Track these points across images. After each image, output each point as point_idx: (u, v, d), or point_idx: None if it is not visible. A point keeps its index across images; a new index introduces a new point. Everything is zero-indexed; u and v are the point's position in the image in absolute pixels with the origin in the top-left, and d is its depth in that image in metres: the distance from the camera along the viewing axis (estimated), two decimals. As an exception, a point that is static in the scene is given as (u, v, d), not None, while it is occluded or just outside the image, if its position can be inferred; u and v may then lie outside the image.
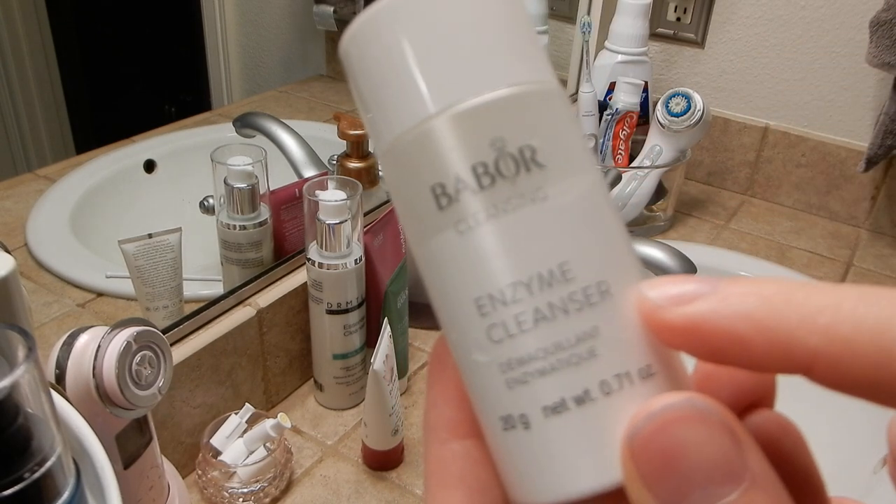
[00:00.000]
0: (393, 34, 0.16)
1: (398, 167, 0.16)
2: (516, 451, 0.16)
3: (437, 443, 0.18)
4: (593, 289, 0.15)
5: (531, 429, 0.15)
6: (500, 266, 0.15)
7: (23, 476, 0.26)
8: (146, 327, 0.46)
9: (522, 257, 0.15)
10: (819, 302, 0.14)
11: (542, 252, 0.15)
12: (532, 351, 0.15)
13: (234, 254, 0.71)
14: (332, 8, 0.92)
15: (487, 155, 0.15)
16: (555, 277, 0.15)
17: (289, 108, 0.92)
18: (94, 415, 0.44)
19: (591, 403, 0.15)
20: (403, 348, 0.75)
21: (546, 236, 0.15)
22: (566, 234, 0.15)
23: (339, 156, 0.84)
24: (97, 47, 0.74)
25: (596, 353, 0.15)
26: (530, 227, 0.15)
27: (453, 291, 0.16)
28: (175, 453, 0.63)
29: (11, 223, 0.64)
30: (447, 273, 0.16)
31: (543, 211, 0.15)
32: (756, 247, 1.05)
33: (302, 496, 0.64)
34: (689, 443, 0.14)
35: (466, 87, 0.15)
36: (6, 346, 0.27)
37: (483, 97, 0.15)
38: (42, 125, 0.68)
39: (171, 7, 0.82)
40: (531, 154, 0.15)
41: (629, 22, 1.07)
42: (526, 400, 0.15)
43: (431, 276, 0.16)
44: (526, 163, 0.15)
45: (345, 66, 0.17)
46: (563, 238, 0.15)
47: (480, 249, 0.15)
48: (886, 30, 0.91)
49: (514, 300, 0.15)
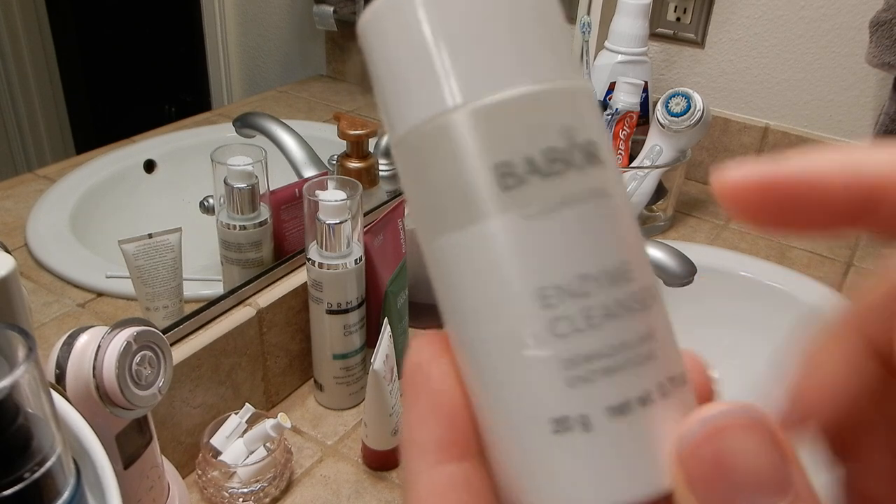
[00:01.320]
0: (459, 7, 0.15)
1: (446, 143, 0.15)
2: (567, 456, 0.15)
3: (427, 467, 0.16)
4: (647, 291, 0.15)
5: (592, 430, 0.14)
6: (571, 257, 0.15)
7: (23, 476, 0.26)
8: (146, 327, 0.46)
9: (592, 251, 0.15)
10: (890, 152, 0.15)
11: (609, 249, 0.15)
12: (600, 348, 0.14)
13: (234, 254, 0.71)
14: (332, 8, 0.92)
15: (559, 141, 0.15)
16: (620, 275, 0.15)
17: (289, 108, 0.92)
18: (94, 415, 0.44)
19: (651, 405, 0.15)
20: (403, 348, 0.75)
21: (612, 233, 0.15)
22: (626, 233, 0.15)
23: (339, 156, 0.84)
24: (97, 47, 0.74)
25: (655, 354, 0.15)
26: (599, 221, 0.15)
27: (508, 280, 0.15)
28: (175, 453, 0.63)
29: (11, 223, 0.64)
30: (503, 260, 0.15)
31: (609, 208, 0.15)
32: (756, 247, 1.05)
33: (302, 496, 0.64)
34: (740, 451, 0.14)
35: (535, 71, 0.15)
36: (6, 346, 0.27)
37: (554, 84, 0.15)
38: (42, 125, 0.68)
39: (171, 7, 0.82)
40: (594, 149, 0.15)
41: (629, 22, 1.07)
42: (589, 399, 0.14)
43: (472, 262, 0.15)
44: (591, 157, 0.15)
45: (392, 33, 0.16)
46: (625, 237, 0.15)
47: (551, 237, 0.14)
48: (886, 30, 0.91)
49: (584, 293, 0.14)
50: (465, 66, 0.15)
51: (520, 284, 0.15)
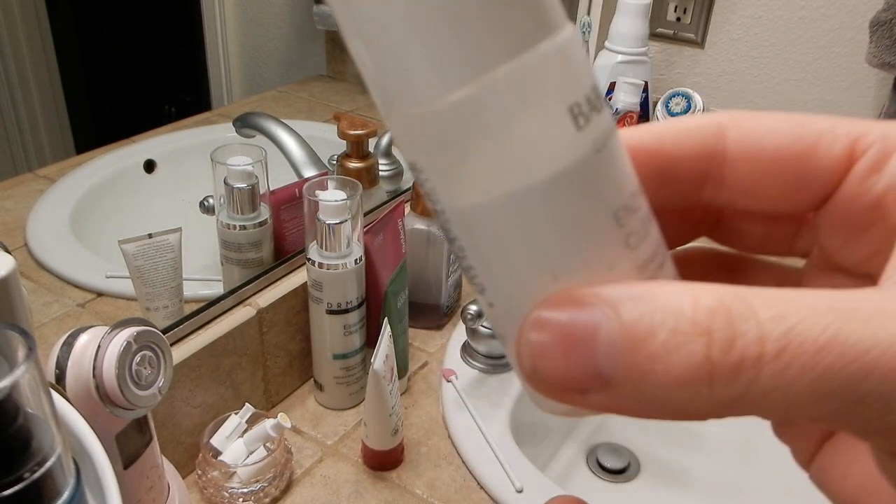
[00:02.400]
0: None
1: (520, 88, 0.15)
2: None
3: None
4: (648, 211, 0.17)
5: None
6: (624, 179, 0.16)
7: (23, 476, 0.26)
8: (146, 327, 0.46)
9: (630, 172, 0.17)
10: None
11: (631, 169, 0.17)
12: (654, 248, 0.17)
13: (234, 254, 0.71)
14: (332, 8, 0.92)
15: (593, 80, 0.16)
16: (639, 188, 0.17)
17: (289, 108, 0.92)
18: (94, 415, 0.44)
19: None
20: (403, 348, 0.75)
21: (627, 156, 0.17)
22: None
23: (339, 156, 0.84)
24: (97, 47, 0.74)
25: (666, 263, 0.18)
26: (622, 148, 0.17)
27: (590, 209, 0.16)
28: (175, 453, 0.63)
29: (11, 223, 0.64)
30: (584, 192, 0.16)
31: (619, 136, 0.17)
32: (756, 247, 1.05)
33: (302, 496, 0.64)
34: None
35: (562, 16, 0.16)
36: (6, 346, 0.27)
37: (574, 29, 0.16)
38: (42, 125, 0.68)
39: (171, 7, 0.82)
40: (600, 89, 0.17)
41: (629, 22, 1.07)
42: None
43: (557, 205, 0.16)
44: (602, 96, 0.16)
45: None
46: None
47: (610, 166, 0.16)
48: (886, 30, 0.91)
49: (637, 207, 0.17)
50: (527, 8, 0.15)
51: (601, 211, 0.16)
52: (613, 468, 0.83)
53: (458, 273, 0.86)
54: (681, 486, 0.84)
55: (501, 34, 0.15)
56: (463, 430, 0.71)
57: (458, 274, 0.86)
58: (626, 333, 0.13)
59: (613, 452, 0.85)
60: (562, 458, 0.85)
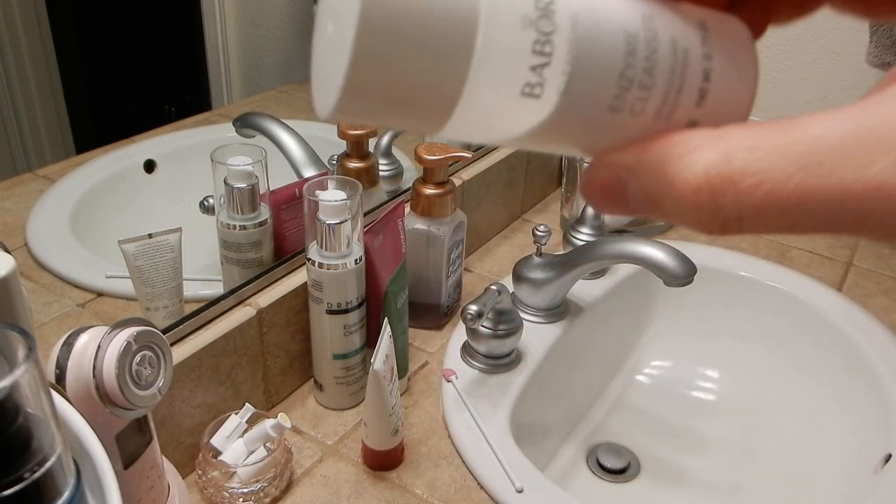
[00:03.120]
0: None
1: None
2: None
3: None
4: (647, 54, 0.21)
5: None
6: (609, 67, 0.19)
7: (23, 476, 0.26)
8: (146, 327, 0.46)
9: (616, 43, 0.19)
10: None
11: (618, 41, 0.20)
12: (662, 93, 0.20)
13: (234, 254, 0.71)
14: (332, 8, 0.92)
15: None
16: (634, 48, 0.20)
17: (289, 108, 0.92)
18: (94, 415, 0.44)
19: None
20: (403, 348, 0.75)
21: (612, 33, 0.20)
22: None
23: (339, 156, 0.84)
24: (97, 47, 0.74)
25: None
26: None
27: (584, 125, 0.19)
28: (175, 453, 0.63)
29: (11, 223, 0.64)
30: (564, 128, 0.19)
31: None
32: (756, 247, 1.05)
33: (302, 496, 0.64)
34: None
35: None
36: (6, 346, 0.27)
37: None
38: (42, 125, 0.68)
39: (171, 7, 0.82)
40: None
41: None
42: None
43: (554, 134, 0.19)
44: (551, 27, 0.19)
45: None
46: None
47: (586, 79, 0.19)
48: (886, 30, 0.91)
49: (633, 76, 0.19)
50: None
51: (598, 116, 0.19)
52: (613, 468, 0.83)
53: (458, 273, 0.86)
54: (681, 486, 0.84)
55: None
56: (463, 430, 0.71)
57: (458, 274, 0.86)
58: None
59: (613, 452, 0.85)
60: (562, 458, 0.85)
